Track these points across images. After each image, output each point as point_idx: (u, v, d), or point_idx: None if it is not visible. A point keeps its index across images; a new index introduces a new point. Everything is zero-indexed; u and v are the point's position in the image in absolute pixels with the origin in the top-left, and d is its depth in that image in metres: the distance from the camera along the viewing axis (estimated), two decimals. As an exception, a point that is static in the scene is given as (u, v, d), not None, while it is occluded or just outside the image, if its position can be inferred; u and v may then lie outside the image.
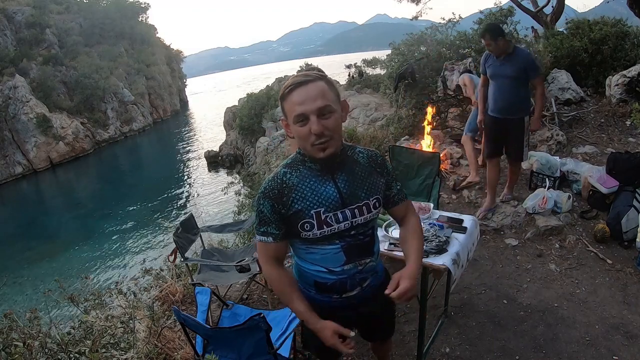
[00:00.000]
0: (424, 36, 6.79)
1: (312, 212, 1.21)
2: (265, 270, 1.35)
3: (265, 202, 1.23)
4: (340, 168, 1.26)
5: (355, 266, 1.32)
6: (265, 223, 1.25)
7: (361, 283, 1.36)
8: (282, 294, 1.33)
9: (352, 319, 1.41)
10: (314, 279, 1.34)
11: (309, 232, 1.23)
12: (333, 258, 1.29)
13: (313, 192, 1.22)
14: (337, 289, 1.34)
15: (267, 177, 1.27)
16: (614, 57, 5.68)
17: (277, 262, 1.32)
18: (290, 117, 1.17)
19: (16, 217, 17.45)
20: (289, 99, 1.16)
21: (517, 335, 2.40)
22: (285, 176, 1.24)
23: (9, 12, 26.45)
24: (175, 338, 2.32)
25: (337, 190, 1.24)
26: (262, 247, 1.30)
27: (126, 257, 11.73)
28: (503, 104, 3.23)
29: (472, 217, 2.22)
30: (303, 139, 1.17)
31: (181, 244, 2.78)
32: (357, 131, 7.12)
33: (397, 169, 3.40)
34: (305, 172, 1.24)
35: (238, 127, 16.25)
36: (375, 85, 13.62)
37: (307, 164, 1.25)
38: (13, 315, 1.97)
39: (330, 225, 1.23)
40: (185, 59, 50.62)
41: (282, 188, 1.22)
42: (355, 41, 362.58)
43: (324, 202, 1.22)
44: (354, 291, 1.35)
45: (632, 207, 3.12)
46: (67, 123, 24.83)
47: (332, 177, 1.24)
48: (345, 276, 1.32)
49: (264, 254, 1.31)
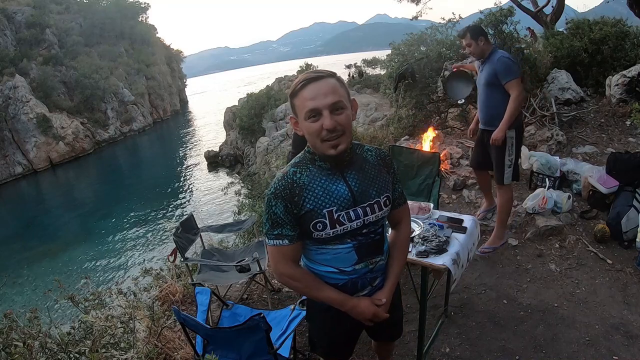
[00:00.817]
0: (424, 36, 6.79)
1: (324, 211, 1.19)
2: (284, 273, 1.27)
3: (278, 202, 1.19)
4: (350, 166, 1.25)
5: (367, 265, 1.32)
6: (279, 225, 1.20)
7: (372, 282, 1.36)
8: (310, 289, 1.29)
9: None
10: (325, 280, 1.31)
11: (322, 232, 1.21)
12: (345, 258, 1.28)
13: (324, 191, 1.20)
14: (349, 289, 1.32)
15: (276, 177, 1.23)
16: (614, 57, 5.67)
17: (295, 263, 1.28)
18: (301, 114, 1.16)
19: (16, 217, 17.47)
20: (301, 94, 1.15)
21: (517, 335, 2.39)
22: (295, 175, 1.21)
23: (9, 12, 26.49)
24: (175, 338, 2.32)
25: (349, 189, 1.23)
26: (277, 252, 1.24)
27: (126, 257, 11.74)
28: (481, 113, 3.03)
29: (472, 217, 2.22)
30: (314, 135, 1.16)
31: (181, 244, 2.78)
32: (357, 131, 7.12)
33: (397, 169, 3.40)
34: (315, 171, 1.22)
35: (238, 127, 16.27)
36: (375, 85, 13.64)
37: (317, 162, 1.23)
38: (13, 315, 1.97)
39: (343, 224, 1.22)
40: (185, 59, 50.66)
41: (293, 187, 1.19)
42: (355, 41, 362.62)
43: (336, 200, 1.21)
44: (365, 290, 1.35)
45: (632, 207, 3.12)
46: (67, 123, 24.85)
47: (342, 175, 1.23)
48: (357, 276, 1.32)
49: (280, 258, 1.25)
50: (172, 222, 13.27)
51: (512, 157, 2.89)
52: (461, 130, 5.88)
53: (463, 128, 5.94)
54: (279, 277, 1.30)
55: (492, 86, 2.82)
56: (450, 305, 2.64)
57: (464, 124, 6.01)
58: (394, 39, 7.34)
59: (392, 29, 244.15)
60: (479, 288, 2.83)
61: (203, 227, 3.20)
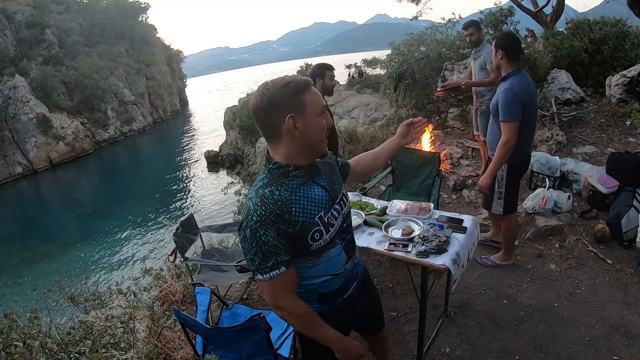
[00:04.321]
0: (424, 36, 6.81)
1: (315, 219, 1.18)
2: (289, 307, 1.19)
3: (268, 229, 1.09)
4: (315, 169, 1.26)
5: (352, 262, 1.36)
6: (272, 254, 1.11)
7: (356, 277, 1.40)
8: (313, 325, 1.24)
9: (352, 316, 1.43)
10: (318, 291, 1.30)
11: (320, 240, 1.19)
12: (337, 261, 1.29)
13: (307, 200, 1.18)
14: (342, 292, 1.34)
15: (251, 206, 1.11)
16: (614, 57, 5.68)
17: (295, 294, 1.21)
18: (315, 109, 1.14)
19: (16, 217, 17.46)
20: (313, 90, 1.16)
21: (517, 335, 2.39)
22: (274, 195, 1.12)
23: (9, 12, 26.45)
24: (175, 338, 2.33)
25: (324, 189, 1.23)
26: (277, 284, 1.14)
27: (126, 257, 11.73)
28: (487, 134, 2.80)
29: (472, 217, 2.22)
30: (322, 132, 1.18)
31: (181, 244, 2.78)
32: (357, 131, 7.12)
33: (397, 169, 3.40)
34: (291, 183, 1.17)
35: (238, 127, 16.25)
36: (375, 85, 13.64)
37: (292, 173, 1.17)
38: (13, 315, 1.97)
39: (332, 224, 1.23)
40: (185, 59, 50.60)
41: (280, 207, 1.11)
42: (355, 41, 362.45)
43: (320, 205, 1.20)
44: (352, 286, 1.38)
45: (632, 207, 3.12)
46: (67, 123, 24.84)
47: (312, 179, 1.23)
48: (347, 275, 1.34)
49: (280, 290, 1.16)
50: (172, 222, 13.29)
51: (502, 189, 2.67)
52: (461, 130, 5.88)
53: (463, 128, 5.95)
54: (282, 315, 1.21)
55: (495, 116, 2.56)
56: (450, 305, 2.64)
57: (464, 124, 6.01)
58: (394, 39, 7.36)
59: (392, 29, 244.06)
60: (479, 288, 2.83)
61: (203, 227, 3.19)
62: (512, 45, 2.48)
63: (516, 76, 2.46)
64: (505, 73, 2.50)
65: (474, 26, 3.87)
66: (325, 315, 1.29)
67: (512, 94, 2.38)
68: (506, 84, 2.46)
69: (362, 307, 1.46)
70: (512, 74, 2.47)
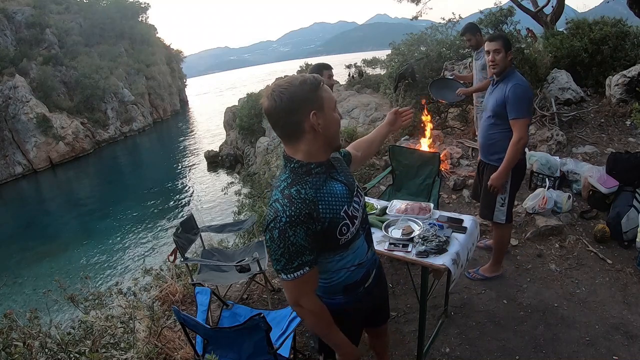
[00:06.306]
0: (424, 36, 6.81)
1: (341, 213, 1.20)
2: (309, 305, 1.20)
3: (297, 230, 1.09)
4: (332, 165, 1.29)
5: (371, 251, 1.40)
6: (299, 254, 1.11)
7: (375, 264, 1.44)
8: (327, 324, 1.27)
9: (369, 304, 1.47)
10: (344, 284, 1.32)
11: (347, 234, 1.22)
12: (361, 251, 1.33)
13: (331, 195, 1.20)
14: (364, 281, 1.37)
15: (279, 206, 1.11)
16: (614, 57, 5.67)
17: (315, 293, 1.24)
18: (330, 104, 1.18)
19: (16, 217, 17.45)
20: (325, 88, 1.19)
21: (517, 335, 2.40)
22: (300, 194, 1.13)
23: (9, 12, 26.43)
24: (175, 338, 2.33)
25: (343, 183, 1.26)
26: (301, 283, 1.16)
27: (126, 257, 11.73)
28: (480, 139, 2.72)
29: (472, 217, 2.22)
30: (338, 125, 1.22)
31: (181, 244, 2.78)
32: (357, 131, 7.11)
33: (397, 169, 3.40)
34: (314, 180, 1.18)
35: (238, 127, 16.25)
36: (375, 85, 13.63)
37: (314, 170, 1.18)
38: (13, 315, 1.97)
39: (356, 216, 1.26)
40: (185, 59, 50.56)
41: (308, 205, 1.12)
42: (355, 41, 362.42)
43: (343, 199, 1.23)
44: (372, 274, 1.41)
45: (632, 207, 3.12)
46: (67, 123, 24.82)
47: (330, 175, 1.25)
48: (369, 263, 1.38)
49: (304, 289, 1.18)
50: (172, 222, 13.28)
51: (505, 196, 2.59)
52: (461, 130, 5.88)
53: (463, 128, 5.95)
54: (300, 312, 1.23)
55: (496, 116, 2.48)
56: (450, 305, 2.64)
57: (464, 124, 6.02)
58: (394, 39, 7.36)
59: (392, 29, 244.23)
60: (479, 288, 2.83)
61: (203, 227, 3.20)
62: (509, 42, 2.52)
63: (517, 72, 2.47)
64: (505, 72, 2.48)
65: (470, 32, 3.99)
66: (350, 306, 1.35)
67: (522, 89, 2.36)
68: (511, 79, 2.41)
69: (378, 294, 1.50)
70: (512, 72, 2.47)
